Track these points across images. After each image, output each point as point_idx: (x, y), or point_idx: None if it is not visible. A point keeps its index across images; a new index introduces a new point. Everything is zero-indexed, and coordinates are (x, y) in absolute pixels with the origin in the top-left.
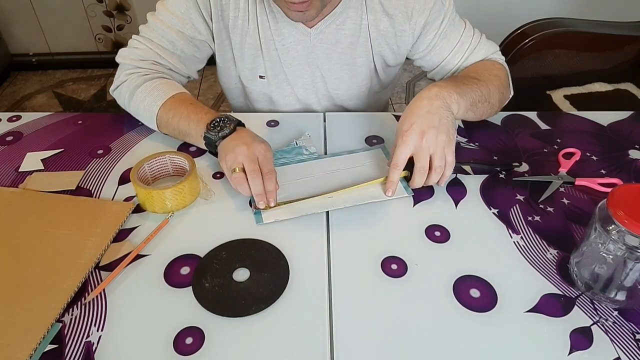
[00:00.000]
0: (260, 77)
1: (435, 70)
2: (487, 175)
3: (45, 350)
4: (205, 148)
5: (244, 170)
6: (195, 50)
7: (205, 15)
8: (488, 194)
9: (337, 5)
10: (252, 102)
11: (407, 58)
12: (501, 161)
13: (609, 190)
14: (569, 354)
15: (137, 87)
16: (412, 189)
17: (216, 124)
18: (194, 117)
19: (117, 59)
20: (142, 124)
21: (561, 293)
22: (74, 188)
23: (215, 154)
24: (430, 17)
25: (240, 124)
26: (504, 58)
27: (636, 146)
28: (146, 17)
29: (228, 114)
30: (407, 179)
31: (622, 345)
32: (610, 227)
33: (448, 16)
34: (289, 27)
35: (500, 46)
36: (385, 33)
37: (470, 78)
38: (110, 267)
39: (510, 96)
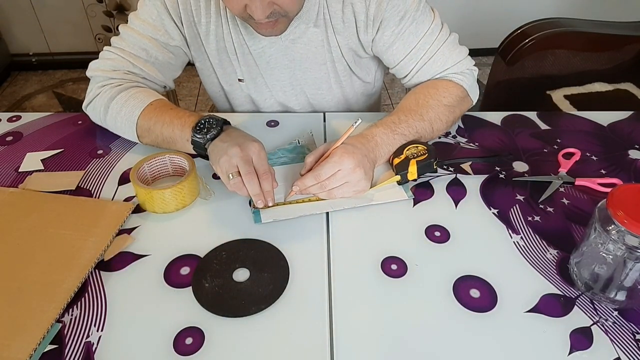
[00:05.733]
0: (240, 80)
1: (393, 70)
2: (487, 175)
3: (45, 350)
4: (193, 152)
5: (240, 174)
6: (170, 56)
7: (176, 21)
8: (488, 194)
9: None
10: (236, 107)
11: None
12: (502, 165)
13: (608, 190)
14: (569, 354)
15: (111, 99)
16: (412, 191)
17: (202, 125)
18: (177, 122)
19: (88, 72)
20: None
21: (561, 293)
22: (74, 188)
23: (205, 157)
24: (389, 10)
25: (226, 122)
26: (470, 65)
27: (636, 146)
28: (118, 29)
29: (212, 114)
30: (399, 183)
31: (622, 346)
32: (610, 227)
33: (409, 15)
34: None
35: (500, 46)
36: (348, 24)
37: (414, 121)
38: (111, 266)
39: (473, 103)
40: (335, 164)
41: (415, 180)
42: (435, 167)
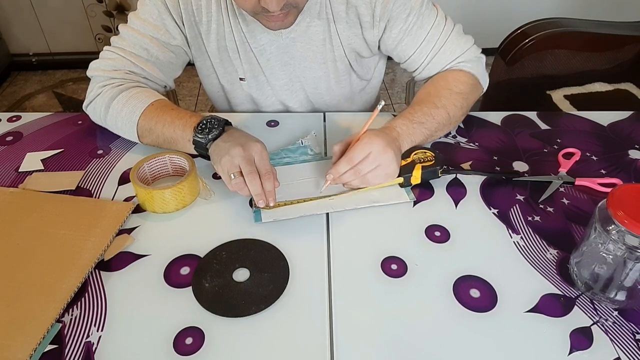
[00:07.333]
0: (241, 79)
1: (404, 64)
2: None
3: (45, 350)
4: (194, 152)
5: (241, 174)
6: (171, 56)
7: (177, 20)
8: (488, 194)
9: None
10: (235, 107)
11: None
12: (502, 165)
13: (609, 190)
14: (569, 354)
15: (112, 99)
16: (413, 194)
17: (204, 126)
18: (179, 122)
19: (89, 72)
20: None
21: (561, 293)
22: (74, 188)
23: (206, 157)
24: (395, 9)
25: (228, 123)
26: (478, 53)
27: (636, 146)
28: (118, 28)
29: (214, 114)
30: (402, 186)
31: (622, 346)
32: (610, 227)
33: (415, 11)
34: (260, 29)
35: (500, 46)
36: (352, 25)
37: (428, 109)
38: (111, 266)
39: (484, 90)
40: (367, 145)
41: (418, 184)
42: (440, 175)
